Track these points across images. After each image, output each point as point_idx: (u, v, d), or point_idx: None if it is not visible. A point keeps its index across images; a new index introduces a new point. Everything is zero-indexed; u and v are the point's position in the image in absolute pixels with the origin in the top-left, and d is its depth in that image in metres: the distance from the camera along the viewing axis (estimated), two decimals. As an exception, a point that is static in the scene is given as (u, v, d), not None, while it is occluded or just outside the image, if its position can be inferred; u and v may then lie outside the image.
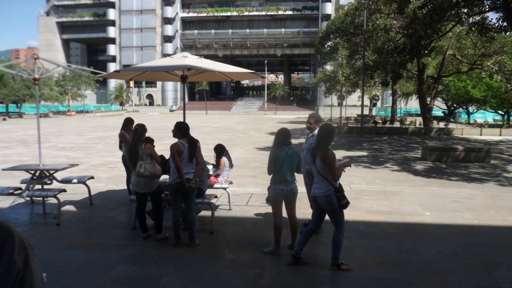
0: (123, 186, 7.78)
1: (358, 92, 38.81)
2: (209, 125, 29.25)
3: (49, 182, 6.70)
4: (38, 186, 6.52)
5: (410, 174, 9.92)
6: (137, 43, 65.85)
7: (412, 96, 42.95)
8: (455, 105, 35.87)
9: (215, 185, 6.22)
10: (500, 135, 22.36)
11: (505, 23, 14.85)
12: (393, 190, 8.03)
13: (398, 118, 31.38)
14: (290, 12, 62.97)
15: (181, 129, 4.82)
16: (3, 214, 6.22)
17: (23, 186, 6.38)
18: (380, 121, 27.86)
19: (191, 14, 65.55)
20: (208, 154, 9.40)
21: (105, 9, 66.68)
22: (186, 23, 66.72)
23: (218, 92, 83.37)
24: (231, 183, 6.65)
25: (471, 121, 32.29)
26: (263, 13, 63.41)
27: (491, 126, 27.10)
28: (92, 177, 7.25)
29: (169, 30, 64.09)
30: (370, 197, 7.36)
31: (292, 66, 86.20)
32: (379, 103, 57.28)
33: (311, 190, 4.32)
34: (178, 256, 4.54)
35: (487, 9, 15.99)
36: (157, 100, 67.08)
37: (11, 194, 5.91)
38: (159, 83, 65.65)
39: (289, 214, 4.56)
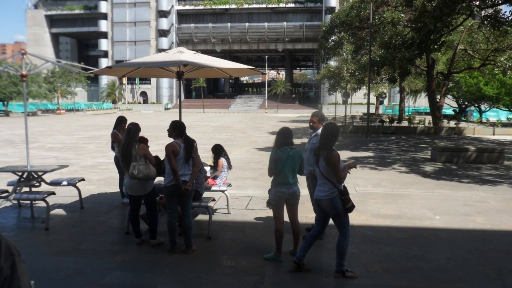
0: (116, 188, 7.78)
1: (364, 89, 38.81)
2: (207, 124, 29.26)
3: (37, 184, 6.71)
4: (26, 189, 6.52)
5: (419, 176, 9.93)
6: (130, 37, 65.84)
7: (421, 93, 42.93)
8: (466, 103, 35.86)
9: (213, 188, 6.22)
10: (514, 134, 22.36)
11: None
12: (401, 192, 8.03)
13: (406, 117, 31.38)
14: (292, 5, 62.97)
15: (176, 129, 4.82)
16: (-12, 218, 6.22)
17: (10, 188, 6.39)
18: (387, 120, 27.85)
19: (187, 7, 65.57)
20: (205, 155, 9.39)
21: (97, 1, 66.63)
22: (182, 16, 66.73)
23: (216, 89, 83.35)
24: (229, 185, 6.66)
25: (483, 120, 32.29)
26: (264, 5, 63.40)
27: (504, 125, 27.09)
28: (83, 179, 7.25)
29: (164, 23, 64.08)
30: (376, 200, 7.36)
31: (294, 62, 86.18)
32: (386, 101, 57.37)
33: (314, 192, 4.32)
34: (173, 262, 4.54)
35: (500, 2, 15.99)
36: (151, 98, 67.11)
37: (-3, 197, 5.91)
38: (153, 80, 65.63)
39: (291, 218, 4.56)
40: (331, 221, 4.22)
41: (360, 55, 25.41)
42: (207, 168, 6.34)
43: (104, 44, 66.86)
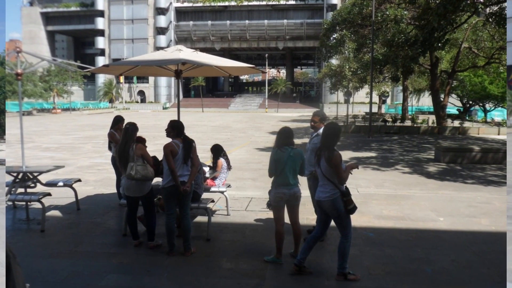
0: (113, 189, 7.77)
1: (366, 88, 38.78)
2: (206, 124, 29.27)
3: (32, 185, 6.71)
4: (21, 190, 6.52)
5: (422, 177, 9.93)
6: (127, 35, 65.80)
7: (425, 92, 42.89)
8: (470, 102, 35.84)
9: (212, 189, 6.22)
10: (520, 134, 22.34)
11: (524, 14, 14.83)
12: (404, 194, 8.03)
13: (409, 116, 31.39)
14: (292, 2, 62.94)
15: (175, 128, 4.82)
16: (-17, 219, 6.23)
17: (5, 189, 6.38)
18: (390, 120, 27.87)
19: (186, 4, 65.53)
20: (204, 155, 9.40)
21: (93, -2, 66.68)
22: (181, 14, 66.71)
23: (215, 88, 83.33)
24: (229, 186, 6.65)
25: (488, 120, 32.29)
26: (264, 2, 63.35)
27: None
28: (79, 180, 7.26)
29: (162, 21, 64.07)
30: (379, 201, 7.36)
31: (295, 60, 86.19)
32: (388, 100, 57.33)
33: (315, 194, 4.32)
34: (172, 265, 4.54)
35: (505, -2, 15.98)
36: (149, 97, 67.08)
37: (-8, 198, 5.91)
38: (151, 79, 65.59)
39: (292, 220, 4.56)
40: (332, 223, 4.22)
41: (362, 53, 25.39)
42: (206, 169, 6.34)
43: (100, 42, 66.81)
